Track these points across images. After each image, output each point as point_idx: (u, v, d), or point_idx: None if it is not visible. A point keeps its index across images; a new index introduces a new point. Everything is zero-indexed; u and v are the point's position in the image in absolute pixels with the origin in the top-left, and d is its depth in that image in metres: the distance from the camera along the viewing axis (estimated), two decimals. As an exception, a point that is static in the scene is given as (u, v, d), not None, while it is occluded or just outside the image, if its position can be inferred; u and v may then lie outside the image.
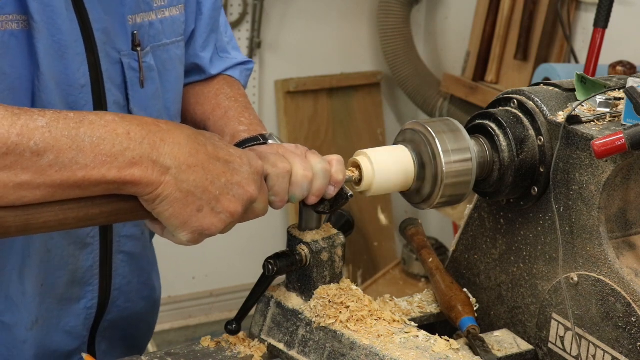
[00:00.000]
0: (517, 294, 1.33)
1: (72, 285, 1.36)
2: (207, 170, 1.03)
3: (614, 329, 1.16)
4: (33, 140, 0.94)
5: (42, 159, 0.95)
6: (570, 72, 2.38)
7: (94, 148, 0.97)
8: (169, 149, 1.01)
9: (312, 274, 1.23)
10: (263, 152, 1.15)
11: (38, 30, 1.16)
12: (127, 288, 1.44)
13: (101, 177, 0.98)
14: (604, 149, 1.11)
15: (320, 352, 1.20)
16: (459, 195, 1.23)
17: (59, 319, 1.37)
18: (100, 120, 0.99)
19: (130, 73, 1.31)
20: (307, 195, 1.15)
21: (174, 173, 1.01)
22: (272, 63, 3.60)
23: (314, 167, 1.15)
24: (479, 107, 3.06)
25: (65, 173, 0.97)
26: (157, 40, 1.36)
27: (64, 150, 0.96)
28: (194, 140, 1.04)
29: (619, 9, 2.49)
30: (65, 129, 0.96)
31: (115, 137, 0.99)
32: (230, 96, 1.51)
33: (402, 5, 3.54)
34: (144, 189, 1.01)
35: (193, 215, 1.04)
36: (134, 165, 0.99)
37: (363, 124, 3.82)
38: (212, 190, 1.04)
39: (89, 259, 1.35)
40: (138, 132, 1.00)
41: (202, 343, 1.26)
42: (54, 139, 0.95)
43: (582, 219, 1.20)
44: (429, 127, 1.20)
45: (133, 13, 1.30)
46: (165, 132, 1.02)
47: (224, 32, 1.58)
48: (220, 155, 1.06)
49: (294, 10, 3.58)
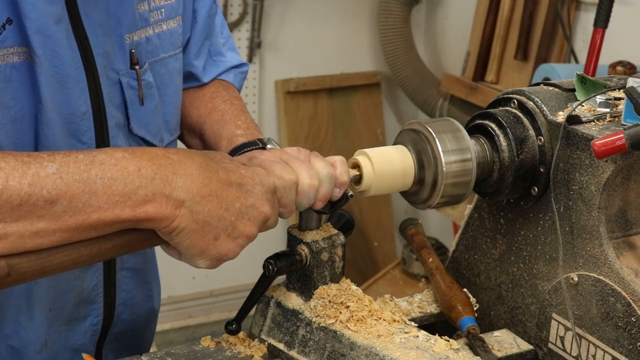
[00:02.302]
0: (517, 294, 1.33)
1: (79, 305, 1.36)
2: (220, 198, 1.03)
3: (614, 329, 1.16)
4: (45, 189, 0.94)
5: (55, 206, 0.95)
6: (570, 72, 2.38)
7: (106, 189, 0.97)
8: (181, 182, 1.01)
9: (312, 274, 1.23)
10: (266, 161, 1.14)
11: (40, 64, 1.15)
12: (131, 302, 1.45)
13: (115, 217, 0.98)
14: (604, 149, 1.11)
15: (320, 352, 1.20)
16: (459, 195, 1.22)
17: (67, 339, 1.37)
18: (110, 159, 0.98)
19: (129, 92, 1.30)
20: (313, 202, 1.15)
21: (189, 205, 1.01)
22: (272, 63, 3.60)
23: (319, 174, 1.14)
24: (479, 107, 3.06)
25: (79, 217, 0.96)
26: (154, 55, 1.35)
27: (77, 195, 0.96)
28: (205, 169, 1.03)
29: (619, 9, 2.49)
30: (76, 173, 0.96)
31: (126, 176, 0.98)
32: (226, 99, 1.50)
33: (402, 6, 3.54)
34: (159, 224, 1.00)
35: (210, 243, 1.04)
36: (147, 203, 0.99)
37: (363, 124, 3.82)
38: (227, 217, 1.04)
39: (93, 279, 1.35)
40: (149, 167, 0.99)
41: (202, 343, 1.26)
42: (65, 184, 0.95)
43: (582, 219, 1.20)
44: (429, 127, 1.20)
45: (130, 31, 1.28)
46: (176, 164, 1.01)
47: (220, 32, 1.56)
48: (232, 179, 1.05)
49: (294, 10, 3.58)
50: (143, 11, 1.31)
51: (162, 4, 1.35)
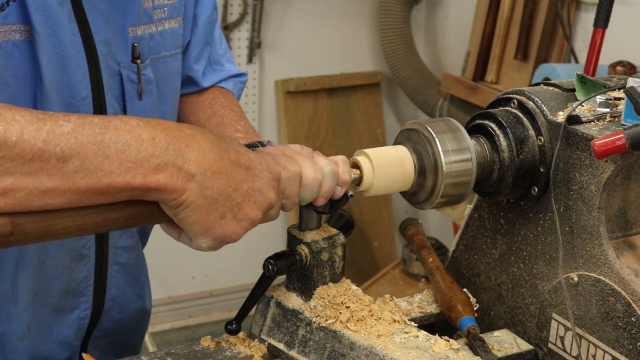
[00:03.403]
0: (517, 294, 1.33)
1: (66, 295, 1.35)
2: (230, 177, 1.02)
3: (614, 329, 1.16)
4: (59, 147, 0.92)
5: (67, 165, 0.93)
6: (570, 72, 2.38)
7: (119, 154, 0.95)
8: (193, 155, 1.00)
9: (312, 274, 1.23)
10: (272, 153, 1.14)
11: (40, 42, 1.15)
12: (121, 299, 1.44)
13: (126, 184, 0.97)
14: (604, 149, 1.11)
15: (320, 352, 1.20)
16: (459, 195, 1.22)
17: (51, 328, 1.37)
18: (125, 126, 0.97)
19: (128, 85, 1.30)
20: (315, 197, 1.15)
21: (199, 180, 1.00)
22: (272, 63, 3.60)
23: (322, 169, 1.14)
24: (479, 107, 3.06)
25: (90, 179, 0.95)
26: (156, 53, 1.35)
27: (90, 156, 0.94)
28: (217, 146, 1.03)
29: (619, 9, 2.49)
30: (91, 135, 0.94)
31: (140, 143, 0.97)
32: (225, 105, 1.51)
33: (402, 5, 3.54)
34: (168, 195, 0.99)
35: (216, 222, 1.02)
36: (159, 172, 0.97)
37: (363, 124, 3.82)
38: (234, 197, 1.03)
39: (83, 270, 1.35)
40: (163, 137, 0.98)
41: (202, 343, 1.26)
42: (79, 145, 0.93)
43: (582, 219, 1.20)
44: (429, 127, 1.20)
45: (134, 25, 1.29)
46: (190, 137, 1.01)
47: (219, 44, 1.57)
48: (242, 161, 1.04)
49: (294, 10, 3.58)
50: (147, 7, 1.32)
51: (165, 2, 1.36)
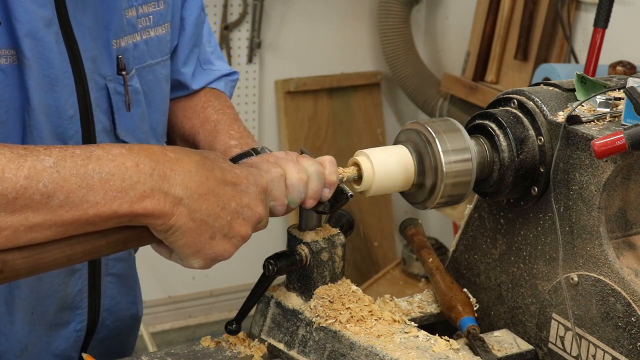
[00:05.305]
0: (517, 294, 1.33)
1: (62, 310, 1.35)
2: (218, 196, 1.02)
3: (614, 329, 1.16)
4: (42, 182, 0.92)
5: (52, 200, 0.93)
6: (570, 72, 2.38)
7: (103, 184, 0.95)
8: (179, 179, 0.99)
9: (312, 274, 1.23)
10: (254, 162, 1.14)
11: (29, 66, 1.14)
12: (115, 308, 1.44)
13: (113, 213, 0.96)
14: (604, 149, 1.11)
15: (320, 352, 1.20)
16: (459, 195, 1.22)
17: (49, 344, 1.37)
18: (108, 155, 0.97)
19: (116, 97, 1.30)
20: (304, 199, 1.15)
21: (187, 203, 0.99)
22: (272, 63, 3.60)
23: (307, 170, 1.14)
24: (479, 107, 3.06)
25: (76, 212, 0.95)
26: (141, 62, 1.34)
27: (74, 189, 0.94)
28: (202, 166, 1.02)
29: (619, 9, 2.49)
30: (74, 167, 0.94)
31: (124, 171, 0.96)
32: (218, 109, 1.50)
33: (402, 6, 3.54)
34: (156, 221, 0.99)
35: (206, 243, 1.02)
36: (145, 198, 0.97)
37: (363, 124, 3.82)
38: (223, 217, 1.03)
39: (77, 284, 1.35)
40: (147, 163, 0.98)
41: (202, 343, 1.26)
42: (62, 178, 0.93)
43: (582, 219, 1.20)
44: (429, 127, 1.20)
45: (117, 37, 1.28)
46: (174, 161, 1.00)
47: (208, 42, 1.56)
48: (228, 178, 1.04)
49: (294, 10, 3.58)
50: (131, 17, 1.31)
51: (150, 10, 1.34)
